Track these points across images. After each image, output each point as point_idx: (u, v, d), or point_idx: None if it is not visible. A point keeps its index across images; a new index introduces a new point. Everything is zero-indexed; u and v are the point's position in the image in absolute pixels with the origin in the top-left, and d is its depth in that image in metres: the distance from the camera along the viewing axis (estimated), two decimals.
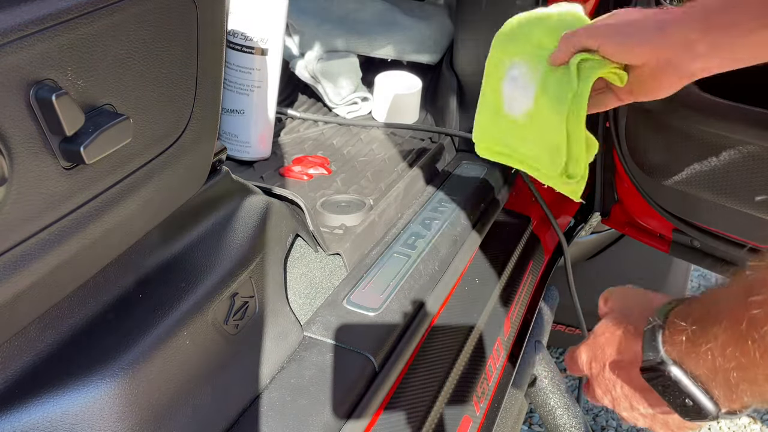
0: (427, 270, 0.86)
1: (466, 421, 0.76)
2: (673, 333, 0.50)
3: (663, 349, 0.51)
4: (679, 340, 0.49)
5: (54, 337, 0.53)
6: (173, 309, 0.59)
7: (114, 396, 0.52)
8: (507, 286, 0.98)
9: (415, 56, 1.33)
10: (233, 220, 0.70)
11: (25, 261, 0.46)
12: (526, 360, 0.97)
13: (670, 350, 0.50)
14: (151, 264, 0.62)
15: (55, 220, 0.47)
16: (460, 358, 0.80)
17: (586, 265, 1.67)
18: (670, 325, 0.51)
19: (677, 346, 0.50)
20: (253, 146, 1.06)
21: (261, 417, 0.63)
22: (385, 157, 1.13)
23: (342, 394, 0.66)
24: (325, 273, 0.81)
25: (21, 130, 0.42)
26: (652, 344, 0.51)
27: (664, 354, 0.50)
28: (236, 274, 0.65)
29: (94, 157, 0.46)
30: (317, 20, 1.32)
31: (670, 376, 0.49)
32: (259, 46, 0.99)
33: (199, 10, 0.54)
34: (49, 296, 0.52)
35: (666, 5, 0.93)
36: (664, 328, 0.51)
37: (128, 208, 0.54)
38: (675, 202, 1.10)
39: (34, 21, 0.41)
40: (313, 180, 1.03)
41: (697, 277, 2.41)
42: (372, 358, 0.70)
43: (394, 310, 0.77)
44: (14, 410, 0.50)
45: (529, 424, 1.82)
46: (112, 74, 0.48)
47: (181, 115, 0.57)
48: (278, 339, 0.70)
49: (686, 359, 0.49)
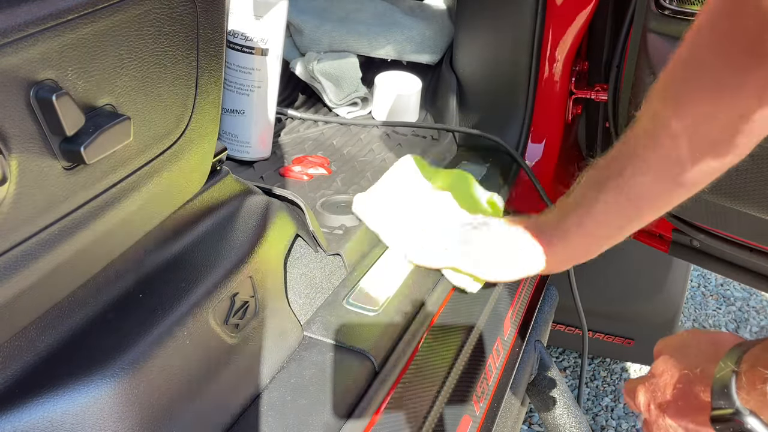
0: (428, 270, 0.86)
1: (465, 420, 0.76)
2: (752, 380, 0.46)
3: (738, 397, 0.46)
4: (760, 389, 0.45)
5: (54, 337, 0.53)
6: (173, 309, 0.59)
7: (114, 396, 0.52)
8: (507, 286, 0.98)
9: (415, 56, 1.33)
10: (233, 220, 0.70)
11: (25, 261, 0.46)
12: (525, 360, 0.97)
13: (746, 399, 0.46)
14: (151, 264, 0.62)
15: (55, 220, 0.47)
16: (459, 358, 0.80)
17: (586, 265, 1.66)
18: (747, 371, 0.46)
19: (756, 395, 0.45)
20: (253, 146, 1.06)
21: (261, 416, 0.63)
22: (385, 157, 1.13)
23: (342, 394, 0.66)
24: (325, 273, 0.81)
25: (21, 130, 0.42)
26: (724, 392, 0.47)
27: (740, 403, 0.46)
28: (236, 274, 0.65)
29: (95, 157, 0.46)
30: (317, 20, 1.32)
31: (746, 427, 0.45)
32: (259, 46, 0.99)
33: (199, 11, 0.54)
34: (49, 296, 0.52)
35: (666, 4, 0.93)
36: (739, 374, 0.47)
37: (128, 208, 0.54)
38: None
39: (34, 21, 0.41)
40: (313, 180, 1.03)
41: (696, 276, 2.41)
42: (372, 358, 0.70)
43: (394, 310, 0.77)
44: (14, 410, 0.50)
45: (529, 424, 1.82)
46: (112, 74, 0.48)
47: (181, 115, 0.57)
48: (278, 339, 0.70)
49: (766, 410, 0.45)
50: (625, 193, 0.68)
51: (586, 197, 0.72)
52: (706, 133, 0.60)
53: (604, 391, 1.98)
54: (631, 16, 1.04)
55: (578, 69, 1.16)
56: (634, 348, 1.77)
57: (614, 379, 2.02)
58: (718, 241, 1.09)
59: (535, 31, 1.10)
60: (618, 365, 2.06)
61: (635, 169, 0.66)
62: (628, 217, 0.71)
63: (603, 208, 0.70)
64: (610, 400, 1.95)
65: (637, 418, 1.91)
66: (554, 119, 1.17)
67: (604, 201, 0.70)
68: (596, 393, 1.97)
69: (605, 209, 0.70)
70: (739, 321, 2.25)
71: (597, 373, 2.04)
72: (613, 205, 0.70)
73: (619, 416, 1.90)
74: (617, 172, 0.68)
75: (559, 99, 1.16)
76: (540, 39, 1.11)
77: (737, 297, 2.34)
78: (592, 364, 2.05)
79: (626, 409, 1.92)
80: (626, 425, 1.87)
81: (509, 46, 1.14)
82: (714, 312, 2.28)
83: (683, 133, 0.62)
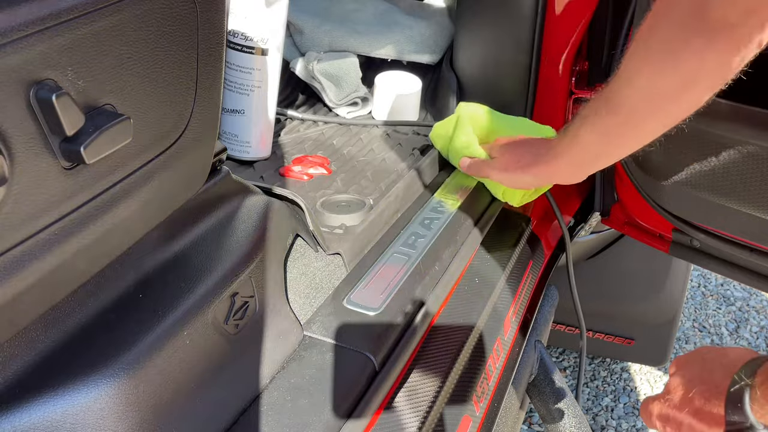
0: (427, 270, 0.86)
1: (466, 420, 0.76)
2: (765, 394, 0.46)
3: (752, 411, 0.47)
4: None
5: (54, 337, 0.53)
6: (173, 309, 0.59)
7: (114, 396, 0.52)
8: (507, 286, 0.98)
9: (415, 56, 1.33)
10: (233, 220, 0.70)
11: (25, 261, 0.46)
12: (525, 360, 0.97)
13: (760, 413, 0.46)
14: (151, 264, 0.62)
15: (55, 220, 0.47)
16: (460, 358, 0.80)
17: (585, 264, 1.67)
18: (761, 385, 0.47)
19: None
20: (253, 146, 1.06)
21: (261, 416, 0.63)
22: (385, 157, 1.13)
23: (342, 394, 0.66)
24: (325, 273, 0.81)
25: (21, 130, 0.42)
26: (737, 406, 0.47)
27: (753, 417, 0.46)
28: (236, 273, 0.65)
29: (95, 157, 0.46)
30: (317, 20, 1.32)
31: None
32: (259, 46, 0.99)
33: (199, 11, 0.54)
34: (49, 296, 0.52)
35: None
36: (753, 388, 0.47)
37: (128, 208, 0.54)
38: (674, 202, 1.10)
39: (34, 21, 0.41)
40: (313, 180, 1.03)
41: (696, 276, 2.41)
42: (372, 358, 0.70)
43: (394, 310, 0.77)
44: (15, 410, 0.50)
45: (529, 424, 1.82)
46: (112, 74, 0.48)
47: (181, 115, 0.57)
48: (278, 339, 0.70)
49: None
50: (601, 128, 0.81)
51: (575, 126, 0.85)
52: (659, 87, 0.71)
53: (604, 391, 1.98)
54: (631, 16, 1.04)
55: (578, 69, 1.16)
56: (634, 348, 1.77)
57: (614, 379, 2.02)
58: (718, 241, 1.09)
59: (535, 31, 1.10)
60: (618, 365, 2.06)
61: (609, 108, 0.78)
62: (604, 149, 0.85)
63: (584, 138, 0.84)
64: (610, 400, 1.95)
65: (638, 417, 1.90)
66: (554, 119, 1.17)
67: (585, 132, 0.83)
68: (596, 393, 1.98)
69: (586, 139, 0.83)
70: (739, 321, 2.25)
71: (597, 373, 2.04)
72: (591, 137, 0.83)
73: (619, 416, 1.90)
74: (596, 109, 0.80)
75: (559, 99, 1.16)
76: (540, 39, 1.11)
77: (737, 297, 2.34)
78: (592, 364, 2.06)
79: (626, 409, 1.92)
80: (626, 425, 1.87)
81: (509, 46, 1.14)
82: (714, 312, 2.28)
83: (643, 83, 0.72)
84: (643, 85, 0.72)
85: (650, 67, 0.70)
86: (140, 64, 0.50)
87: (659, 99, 0.72)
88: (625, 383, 2.00)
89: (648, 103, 0.73)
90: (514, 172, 0.95)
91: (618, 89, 0.76)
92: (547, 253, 1.15)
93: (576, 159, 0.88)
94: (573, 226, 1.31)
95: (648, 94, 0.73)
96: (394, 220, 0.95)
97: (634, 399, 1.94)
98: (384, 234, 0.91)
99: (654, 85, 0.71)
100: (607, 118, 0.79)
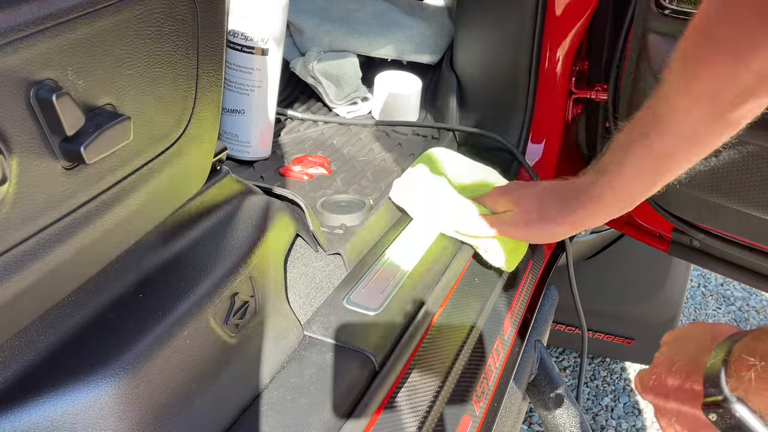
0: (427, 270, 0.86)
1: (465, 420, 0.76)
2: (739, 368, 0.47)
3: (726, 385, 0.47)
4: (745, 376, 0.46)
5: (54, 337, 0.53)
6: (173, 309, 0.59)
7: (114, 396, 0.52)
8: (507, 286, 0.98)
9: (415, 56, 1.33)
10: (233, 220, 0.70)
11: (25, 261, 0.46)
12: (525, 360, 0.97)
13: (734, 386, 0.47)
14: (151, 264, 0.62)
15: (55, 220, 0.47)
16: (459, 358, 0.80)
17: (585, 265, 1.67)
18: (735, 359, 0.48)
19: (743, 383, 0.47)
20: (253, 146, 1.06)
21: (261, 416, 0.63)
22: (385, 157, 1.13)
23: (342, 393, 0.66)
24: (325, 273, 0.81)
25: (21, 130, 0.42)
26: (714, 380, 0.48)
27: (728, 390, 0.47)
28: (236, 273, 0.65)
29: (95, 157, 0.46)
30: (317, 20, 1.32)
31: (735, 414, 0.46)
32: (259, 46, 0.99)
33: (199, 11, 0.54)
34: (49, 296, 0.52)
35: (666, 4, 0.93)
36: (728, 363, 0.48)
37: (128, 208, 0.54)
38: (674, 202, 1.10)
39: (34, 21, 0.41)
40: (313, 180, 1.03)
41: (696, 276, 2.41)
42: (372, 358, 0.70)
43: (394, 310, 0.77)
44: (15, 410, 0.50)
45: (529, 424, 1.82)
46: (112, 74, 0.48)
47: (181, 115, 0.57)
48: (278, 338, 0.70)
49: (753, 397, 0.46)
50: (650, 154, 0.73)
51: (615, 160, 0.76)
52: (723, 94, 0.64)
53: (604, 391, 1.98)
54: (631, 16, 1.04)
55: (578, 69, 1.16)
56: (634, 348, 1.77)
57: (614, 379, 2.02)
58: (718, 241, 1.09)
59: (535, 30, 1.10)
60: (618, 365, 2.06)
61: (658, 131, 0.71)
62: (655, 177, 0.75)
63: (630, 170, 0.75)
64: (610, 399, 1.95)
65: (638, 416, 1.91)
66: (554, 119, 1.17)
67: (630, 163, 0.75)
68: (596, 393, 1.98)
69: (633, 171, 0.75)
70: (739, 321, 2.25)
71: (597, 373, 2.04)
72: (640, 166, 0.74)
73: (619, 416, 1.90)
74: (642, 135, 0.72)
75: (559, 99, 1.16)
76: (540, 39, 1.11)
77: (737, 297, 2.34)
78: (592, 364, 2.06)
79: (626, 409, 1.92)
80: (626, 425, 1.87)
81: (509, 45, 1.14)
82: (714, 312, 2.28)
83: (702, 95, 0.66)
84: (705, 95, 0.65)
85: (713, 72, 0.64)
86: (140, 64, 0.50)
87: (722, 108, 0.66)
88: (625, 383, 2.00)
89: (710, 115, 0.67)
90: (539, 224, 0.85)
91: (670, 105, 0.69)
92: (547, 253, 1.15)
93: (623, 195, 0.79)
94: None
95: (710, 104, 0.66)
96: (394, 220, 0.95)
97: (634, 399, 1.94)
98: (384, 234, 0.91)
99: (717, 94, 0.65)
100: (658, 141, 0.71)
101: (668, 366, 0.57)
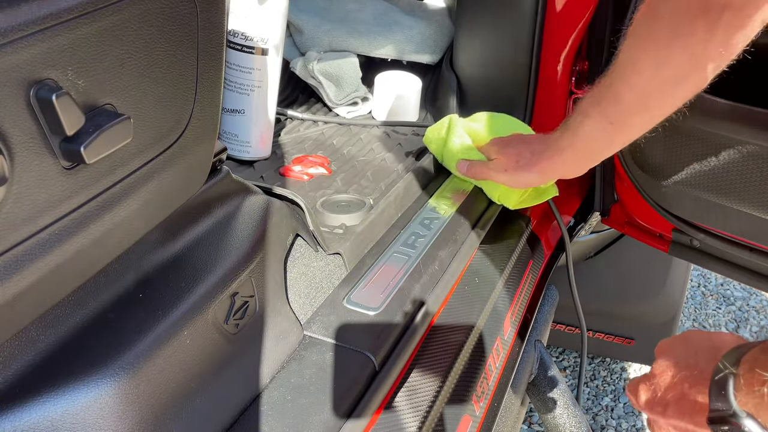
0: (427, 270, 0.86)
1: (465, 420, 0.76)
2: (750, 382, 0.46)
3: (735, 399, 0.46)
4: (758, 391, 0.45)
5: (54, 337, 0.53)
6: (173, 309, 0.59)
7: (114, 395, 0.52)
8: (507, 286, 0.98)
9: (415, 56, 1.33)
10: (233, 219, 0.70)
11: (25, 261, 0.46)
12: (525, 359, 0.97)
13: (743, 401, 0.46)
14: (151, 264, 0.62)
15: (55, 220, 0.47)
16: (459, 358, 0.80)
17: (585, 265, 1.67)
18: (745, 373, 0.47)
19: (753, 398, 0.45)
20: (253, 146, 1.06)
21: (261, 416, 0.63)
22: (385, 157, 1.13)
23: (342, 393, 0.66)
24: (325, 273, 0.81)
25: (21, 130, 0.42)
26: (721, 393, 0.47)
27: (737, 405, 0.46)
28: (236, 273, 0.65)
29: (95, 157, 0.46)
30: (317, 20, 1.32)
31: (744, 430, 0.45)
32: (259, 46, 0.99)
33: (199, 10, 0.54)
34: (49, 296, 0.52)
35: None
36: (737, 376, 0.47)
37: (128, 208, 0.54)
38: (674, 202, 1.10)
39: (34, 21, 0.41)
40: (313, 180, 1.03)
41: (696, 276, 2.41)
42: (372, 357, 0.70)
43: (394, 310, 0.77)
44: (15, 410, 0.50)
45: (529, 424, 1.82)
46: (112, 74, 0.48)
47: (181, 115, 0.57)
48: (278, 338, 0.70)
49: (764, 413, 0.45)
50: (604, 119, 0.81)
51: (577, 121, 0.85)
52: (666, 71, 0.72)
53: (604, 391, 1.98)
54: (631, 15, 1.04)
55: (578, 69, 1.16)
56: (634, 348, 1.78)
57: (614, 379, 2.02)
58: (718, 240, 1.09)
59: (535, 30, 1.10)
60: (618, 365, 2.06)
61: (611, 98, 0.79)
62: (610, 138, 0.84)
63: (587, 131, 0.84)
64: (610, 399, 1.95)
65: (638, 417, 1.91)
66: (554, 119, 1.17)
67: (587, 125, 0.83)
68: (596, 393, 1.98)
69: (589, 131, 0.84)
70: (739, 321, 2.25)
71: (597, 373, 2.04)
72: (596, 128, 0.83)
73: (619, 416, 1.90)
74: (597, 101, 0.81)
75: (559, 99, 1.16)
76: (540, 39, 1.11)
77: (737, 297, 2.34)
78: (592, 364, 2.06)
79: (626, 408, 1.92)
80: (626, 425, 1.87)
81: (509, 45, 1.14)
82: (714, 312, 2.28)
83: (648, 69, 0.73)
84: (649, 70, 0.72)
85: (656, 51, 0.71)
86: (140, 63, 0.50)
87: (666, 83, 0.73)
88: (625, 383, 2.00)
89: (654, 89, 0.74)
90: (515, 171, 0.94)
91: (621, 77, 0.76)
92: (547, 253, 1.15)
93: (580, 152, 0.88)
94: (573, 226, 1.31)
95: (654, 79, 0.73)
96: (394, 220, 0.95)
97: None
98: (384, 234, 0.91)
99: (660, 70, 0.71)
100: (610, 107, 0.79)
101: (667, 377, 0.56)
